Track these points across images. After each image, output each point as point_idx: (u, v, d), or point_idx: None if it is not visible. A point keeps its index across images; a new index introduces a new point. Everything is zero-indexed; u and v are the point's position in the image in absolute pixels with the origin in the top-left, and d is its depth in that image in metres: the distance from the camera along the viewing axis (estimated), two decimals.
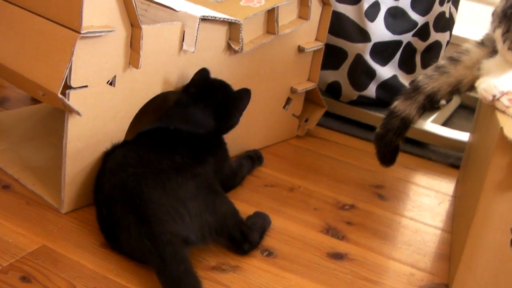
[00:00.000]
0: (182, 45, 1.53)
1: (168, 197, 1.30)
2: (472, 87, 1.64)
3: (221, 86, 1.59)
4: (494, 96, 1.31)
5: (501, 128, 1.22)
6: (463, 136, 2.01)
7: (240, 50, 1.65)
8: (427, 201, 1.77)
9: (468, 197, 1.49)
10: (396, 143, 1.68)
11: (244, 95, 1.58)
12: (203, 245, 1.35)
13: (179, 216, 1.28)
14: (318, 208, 1.65)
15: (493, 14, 1.42)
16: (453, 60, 1.64)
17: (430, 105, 1.66)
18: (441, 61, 1.66)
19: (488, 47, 1.61)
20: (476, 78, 1.52)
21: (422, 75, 1.67)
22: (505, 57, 1.38)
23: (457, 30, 2.31)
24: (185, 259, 1.24)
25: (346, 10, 2.02)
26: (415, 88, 1.65)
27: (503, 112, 1.30)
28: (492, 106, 1.36)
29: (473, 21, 2.55)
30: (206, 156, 1.50)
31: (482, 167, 1.35)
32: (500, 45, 1.38)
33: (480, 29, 1.69)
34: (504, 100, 1.31)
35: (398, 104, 1.65)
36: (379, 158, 1.71)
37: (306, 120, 2.03)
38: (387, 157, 1.70)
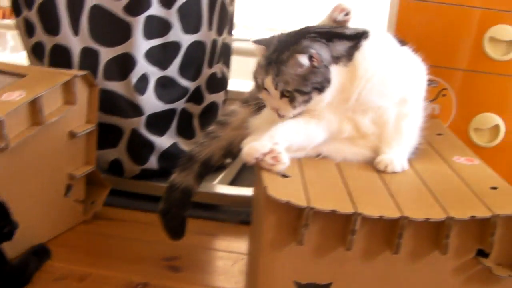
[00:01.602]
0: None
1: None
2: None
3: None
4: (256, 158, 1.35)
5: (265, 188, 1.25)
6: (249, 191, 2.04)
7: (6, 147, 1.60)
8: (221, 263, 1.78)
9: (254, 254, 1.51)
10: (182, 215, 1.68)
11: None
12: None
13: None
14: None
15: (255, 74, 1.46)
16: (221, 123, 1.68)
17: (207, 171, 1.68)
18: (211, 126, 1.70)
19: (252, 105, 1.67)
20: (246, 137, 1.57)
21: (194, 144, 1.69)
22: (279, 108, 1.42)
23: (234, 86, 2.37)
24: None
25: (115, 86, 2.02)
26: (190, 158, 1.67)
27: (269, 170, 1.34)
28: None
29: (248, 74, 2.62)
30: None
31: (259, 226, 1.38)
32: (272, 97, 1.42)
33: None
34: (268, 160, 1.35)
35: (175, 177, 1.66)
36: (167, 232, 1.70)
37: (93, 203, 1.99)
38: (175, 231, 1.70)
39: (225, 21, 2.22)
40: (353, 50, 1.42)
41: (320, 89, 1.39)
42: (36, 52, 2.11)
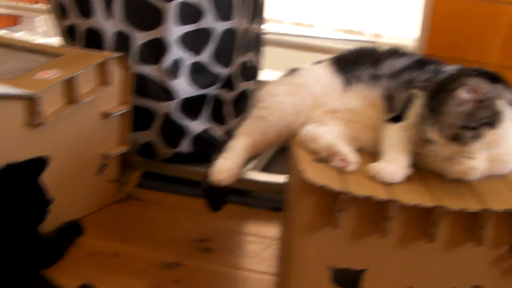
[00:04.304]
0: None
1: None
2: None
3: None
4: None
5: (301, 171, 1.25)
6: (281, 179, 2.04)
7: (41, 124, 1.61)
8: (253, 248, 1.78)
9: (288, 239, 1.51)
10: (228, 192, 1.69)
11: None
12: None
13: None
14: (143, 271, 1.63)
15: (417, 127, 1.39)
16: None
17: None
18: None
19: None
20: None
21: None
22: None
23: (265, 76, 2.36)
24: None
25: (149, 70, 2.02)
26: None
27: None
28: (292, 150, 1.40)
29: (278, 65, 2.61)
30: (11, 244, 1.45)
31: (293, 209, 1.38)
32: (442, 147, 1.34)
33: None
34: (337, 163, 1.38)
35: None
36: (211, 206, 1.69)
37: (125, 183, 2.00)
38: (218, 205, 1.70)
39: (256, 11, 2.22)
40: None
41: (491, 123, 1.32)
42: (69, 35, 2.12)
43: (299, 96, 1.59)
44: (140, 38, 2.03)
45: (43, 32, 3.44)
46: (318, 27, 3.22)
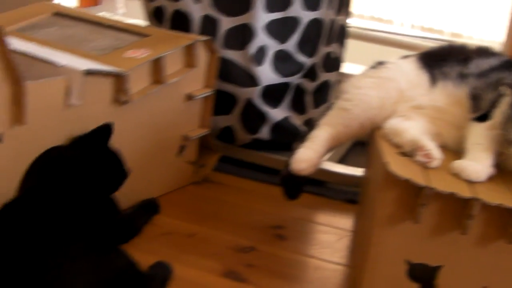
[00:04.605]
0: (67, 99, 1.51)
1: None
2: None
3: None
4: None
5: (386, 163, 1.25)
6: (357, 171, 2.03)
7: (127, 102, 1.64)
8: (326, 238, 1.79)
9: (363, 231, 1.51)
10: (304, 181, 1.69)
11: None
12: None
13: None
14: (218, 253, 1.65)
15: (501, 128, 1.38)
16: None
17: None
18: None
19: None
20: None
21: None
22: None
23: (346, 68, 2.36)
24: None
25: (233, 55, 2.04)
26: None
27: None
28: (377, 143, 1.40)
29: (360, 58, 2.61)
30: (91, 216, 1.48)
31: (373, 201, 1.38)
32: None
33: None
34: (420, 158, 1.37)
35: None
36: (288, 194, 1.70)
37: (202, 166, 2.02)
38: (295, 194, 1.71)
39: (343, 3, 2.20)
40: None
41: None
42: (156, 16, 2.15)
43: (384, 89, 1.59)
44: (226, 23, 2.04)
45: (123, 14, 3.49)
46: (397, 23, 3.20)
